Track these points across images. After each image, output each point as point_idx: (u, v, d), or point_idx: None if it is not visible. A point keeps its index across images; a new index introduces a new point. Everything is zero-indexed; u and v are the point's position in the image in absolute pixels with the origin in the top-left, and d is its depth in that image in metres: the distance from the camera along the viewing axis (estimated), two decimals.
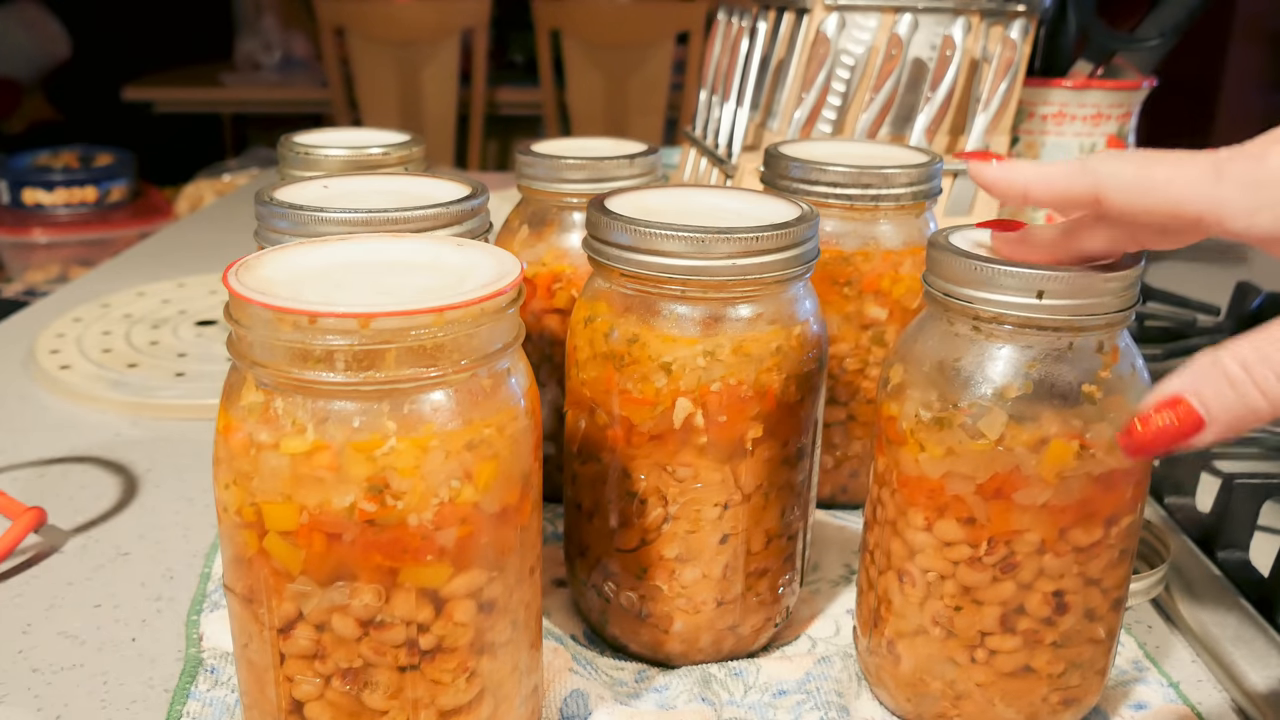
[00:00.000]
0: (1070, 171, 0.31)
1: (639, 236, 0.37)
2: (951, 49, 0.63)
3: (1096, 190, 0.30)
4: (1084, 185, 0.31)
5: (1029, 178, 0.32)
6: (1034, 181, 0.32)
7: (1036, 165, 0.32)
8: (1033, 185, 0.32)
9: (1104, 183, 0.30)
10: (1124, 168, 0.30)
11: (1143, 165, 0.30)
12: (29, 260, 1.79)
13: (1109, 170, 0.30)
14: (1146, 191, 0.29)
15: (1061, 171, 0.31)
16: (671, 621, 0.41)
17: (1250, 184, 0.28)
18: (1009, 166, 0.33)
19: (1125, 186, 0.30)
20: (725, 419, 0.38)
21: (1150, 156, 0.30)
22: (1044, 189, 0.32)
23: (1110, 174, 0.30)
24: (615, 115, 2.47)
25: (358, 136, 0.53)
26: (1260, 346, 0.27)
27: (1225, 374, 0.27)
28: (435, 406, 0.29)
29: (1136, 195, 0.30)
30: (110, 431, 0.63)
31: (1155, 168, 0.30)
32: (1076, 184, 0.31)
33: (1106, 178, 0.30)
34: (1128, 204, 0.30)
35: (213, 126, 2.92)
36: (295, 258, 0.32)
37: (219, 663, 0.41)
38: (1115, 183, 0.30)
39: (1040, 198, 0.32)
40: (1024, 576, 0.35)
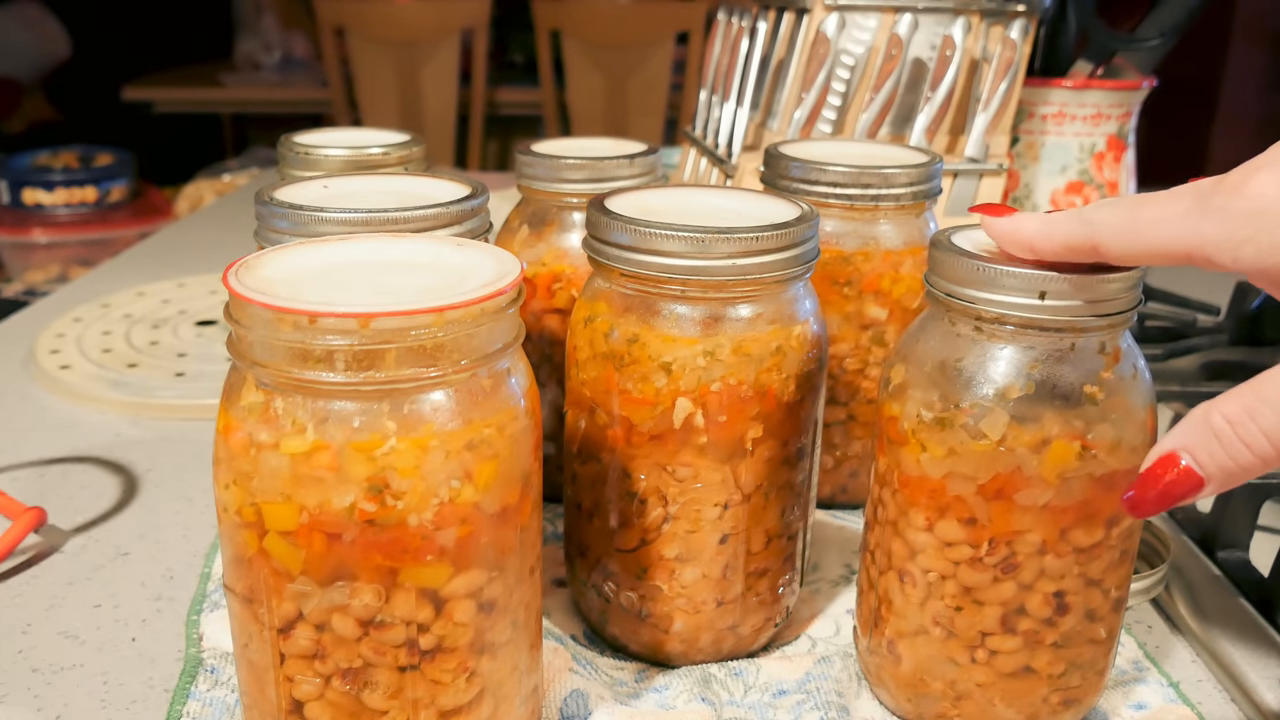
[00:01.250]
0: (1070, 223, 0.32)
1: (639, 236, 0.37)
2: (951, 49, 0.63)
3: (1093, 240, 0.31)
4: (1082, 236, 0.31)
5: (1033, 232, 0.33)
6: (1038, 235, 0.32)
7: (1040, 218, 0.32)
8: (1037, 239, 0.32)
9: (1099, 232, 0.31)
10: (1116, 214, 0.30)
11: (1133, 209, 0.30)
12: (29, 260, 1.79)
13: (1103, 219, 0.31)
14: (1137, 235, 0.30)
15: (1062, 224, 0.32)
16: (671, 621, 0.41)
17: (1231, 216, 0.28)
18: (1016, 221, 0.33)
19: (1118, 234, 0.30)
20: (725, 419, 0.38)
21: (1140, 199, 0.30)
22: (1047, 242, 0.32)
23: (1104, 223, 0.31)
24: (615, 115, 2.47)
25: (358, 136, 0.53)
26: (1247, 403, 0.27)
27: (1214, 431, 0.27)
28: (435, 406, 0.29)
29: (1129, 240, 0.30)
30: (110, 431, 0.63)
31: (1143, 209, 0.30)
32: (1075, 235, 0.31)
33: (1101, 227, 0.31)
34: (1123, 250, 0.30)
35: (213, 126, 2.93)
36: (295, 258, 0.32)
37: (219, 663, 0.41)
38: (1109, 231, 0.30)
39: (1044, 251, 0.32)
40: (1025, 577, 0.35)
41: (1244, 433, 0.27)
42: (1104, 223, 0.31)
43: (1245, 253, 0.28)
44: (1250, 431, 0.27)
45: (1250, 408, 0.27)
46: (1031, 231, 0.33)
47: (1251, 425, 0.27)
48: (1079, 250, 0.32)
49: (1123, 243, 0.30)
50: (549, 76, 2.44)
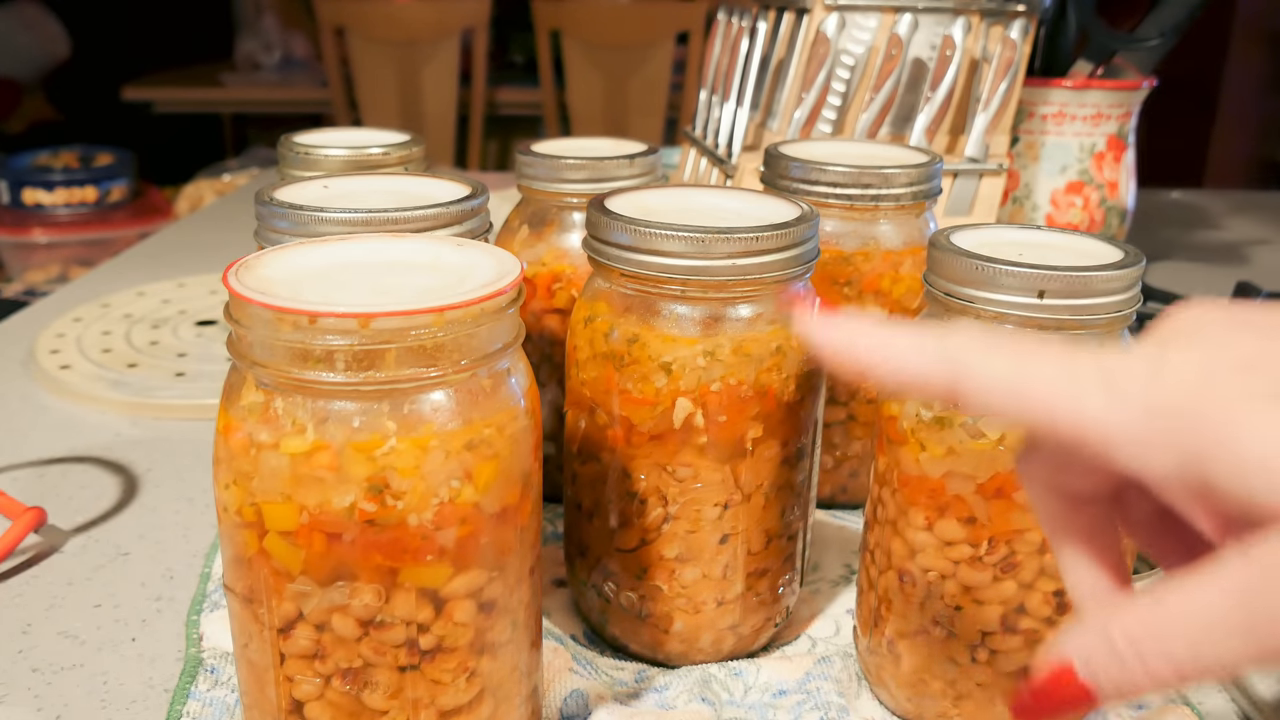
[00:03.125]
0: (925, 353, 0.25)
1: (639, 236, 0.37)
2: (951, 49, 0.63)
3: (954, 384, 0.24)
4: (940, 375, 0.24)
5: (868, 348, 0.25)
6: (874, 355, 0.25)
7: (883, 338, 0.25)
8: (872, 359, 0.25)
9: (966, 379, 0.24)
10: (994, 363, 0.24)
11: (1016, 362, 0.24)
12: (29, 260, 1.79)
13: (976, 364, 0.24)
14: (1019, 398, 0.23)
15: (913, 350, 0.25)
16: (671, 621, 0.41)
17: (1142, 408, 0.22)
18: (846, 331, 0.26)
19: (991, 387, 0.24)
20: (725, 419, 0.38)
21: (1026, 355, 0.24)
22: (889, 370, 0.25)
23: (976, 371, 0.24)
24: (615, 115, 2.47)
25: (358, 136, 0.53)
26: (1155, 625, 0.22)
27: (1116, 651, 0.23)
28: (435, 406, 0.29)
29: (1005, 400, 0.24)
30: (110, 431, 0.63)
31: (1032, 368, 0.23)
32: (930, 371, 0.24)
33: (971, 374, 0.24)
34: (991, 402, 0.24)
35: (213, 126, 2.93)
36: (295, 258, 0.32)
37: (219, 663, 0.41)
38: (980, 381, 0.24)
39: (884, 379, 0.26)
40: (1025, 576, 0.35)
41: (1149, 660, 0.22)
42: (976, 371, 0.24)
43: (1155, 458, 0.22)
44: (1155, 660, 0.22)
45: (1158, 631, 0.22)
46: (867, 347, 0.25)
47: (1157, 653, 0.22)
48: (930, 389, 0.25)
49: (994, 400, 0.24)
50: (549, 76, 2.44)
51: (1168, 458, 0.22)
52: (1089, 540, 0.26)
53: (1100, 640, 0.23)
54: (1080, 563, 0.27)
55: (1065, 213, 0.82)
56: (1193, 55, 1.58)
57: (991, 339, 0.24)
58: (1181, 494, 0.22)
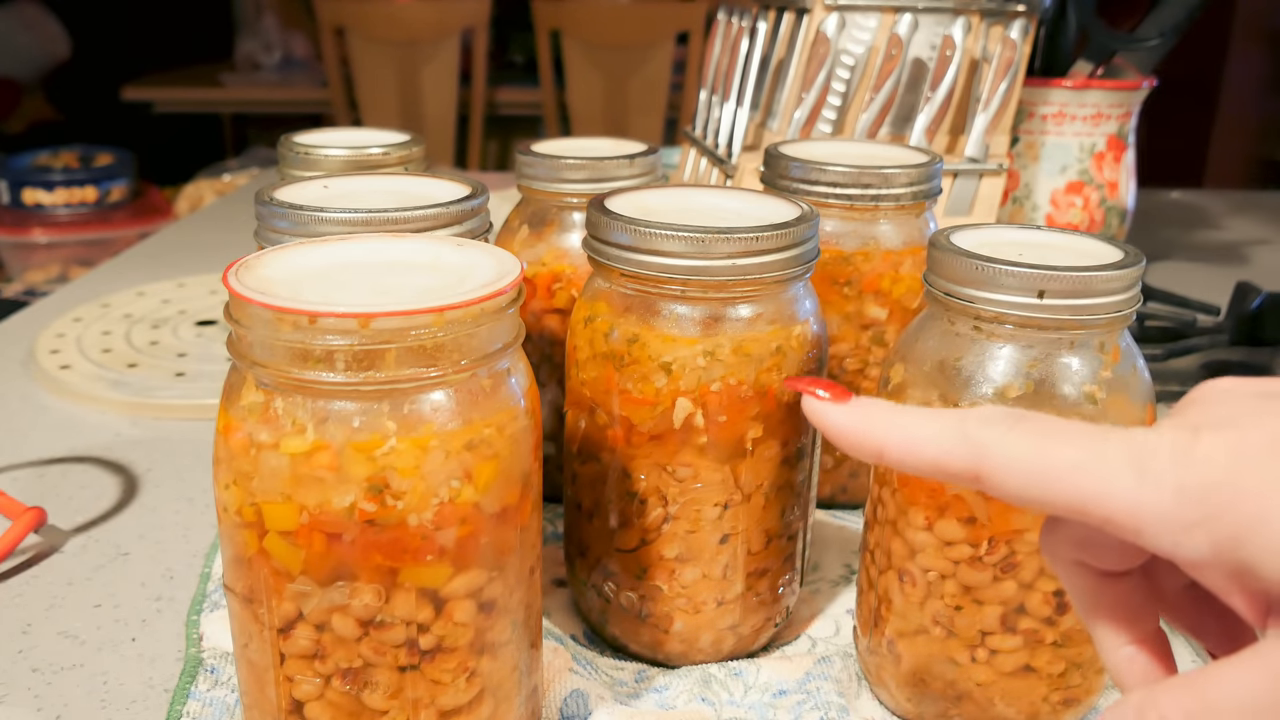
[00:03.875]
0: (945, 437, 0.24)
1: (639, 236, 0.37)
2: (951, 49, 0.63)
3: (977, 467, 0.24)
4: (961, 458, 0.24)
5: (887, 435, 0.25)
6: (893, 442, 0.25)
7: (901, 420, 0.25)
8: (891, 446, 0.25)
9: (988, 461, 0.23)
10: (1016, 444, 0.23)
11: (1039, 443, 0.23)
12: (29, 260, 1.79)
13: (997, 445, 0.23)
14: (1043, 480, 0.23)
15: (933, 435, 0.24)
16: (671, 621, 0.41)
17: (1174, 490, 0.21)
18: (864, 412, 0.25)
19: (1015, 469, 0.23)
20: (725, 419, 0.38)
21: (1049, 431, 0.23)
22: (907, 453, 0.25)
23: (999, 452, 0.23)
24: (615, 115, 2.47)
25: (358, 136, 0.53)
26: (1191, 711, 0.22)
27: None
28: (435, 406, 0.29)
29: (1029, 482, 0.23)
30: (110, 431, 0.63)
31: (1056, 448, 0.23)
32: (952, 455, 0.24)
33: (994, 457, 0.23)
34: (1017, 491, 0.23)
35: (213, 126, 2.93)
36: (295, 258, 0.32)
37: (219, 663, 0.41)
38: (1002, 462, 0.23)
39: (902, 463, 0.25)
40: (1025, 576, 0.35)
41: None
42: (998, 452, 0.23)
43: (1194, 540, 0.21)
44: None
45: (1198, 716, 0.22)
46: (886, 434, 0.25)
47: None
48: (951, 473, 0.24)
49: (1019, 482, 0.23)
50: (549, 76, 2.44)
51: (1201, 540, 0.21)
52: (1122, 615, 0.26)
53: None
54: (1116, 638, 0.26)
55: (1065, 213, 0.82)
56: (1193, 55, 1.58)
57: (1012, 418, 0.24)
58: (1217, 576, 0.22)
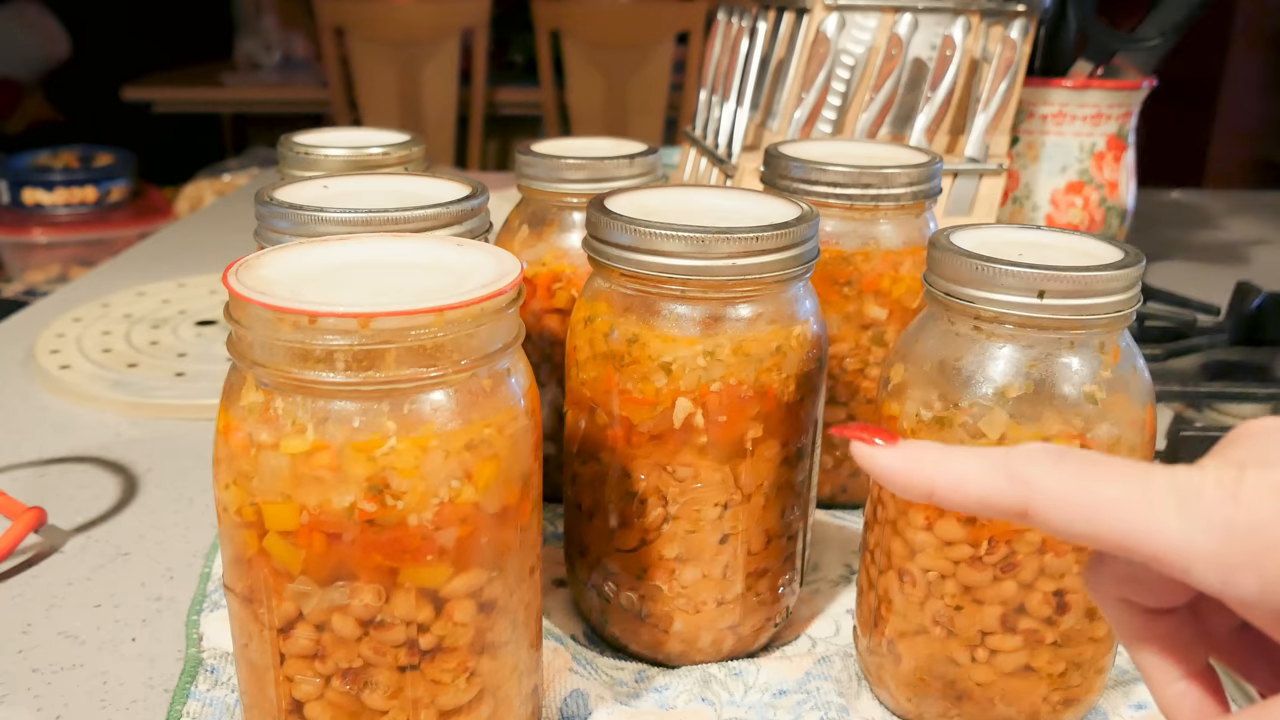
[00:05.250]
0: (992, 475, 0.24)
1: (639, 236, 0.37)
2: (951, 49, 0.63)
3: (1024, 504, 0.24)
4: (1009, 496, 0.24)
5: (935, 475, 0.25)
6: (942, 482, 0.25)
7: (949, 459, 0.25)
8: (940, 485, 0.25)
9: (1035, 498, 0.24)
10: (1061, 480, 0.24)
11: (1085, 479, 0.23)
12: (29, 260, 1.79)
13: (1042, 481, 0.24)
14: (1090, 516, 0.23)
15: (980, 473, 0.25)
16: (671, 621, 0.41)
17: (1223, 530, 0.21)
18: (912, 455, 0.26)
19: (1062, 505, 0.23)
20: (725, 419, 0.38)
21: (1094, 467, 0.23)
22: (955, 492, 0.25)
23: (1045, 489, 0.24)
24: (615, 115, 2.47)
25: (358, 136, 0.53)
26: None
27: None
28: (435, 406, 0.29)
29: (1075, 517, 0.23)
30: (110, 431, 0.63)
31: (1101, 485, 0.23)
32: (999, 493, 0.24)
33: (1041, 493, 0.24)
34: (1064, 526, 0.24)
35: (213, 126, 2.93)
36: (295, 258, 0.32)
37: (219, 663, 0.41)
38: (1049, 498, 0.24)
39: (949, 501, 0.25)
40: (1025, 576, 0.35)
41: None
42: (1045, 489, 0.24)
43: (1243, 581, 0.21)
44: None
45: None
46: (935, 475, 0.25)
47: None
48: (1000, 510, 0.25)
49: (1066, 517, 0.23)
50: (549, 76, 2.44)
51: (1250, 580, 0.21)
52: (1171, 652, 0.26)
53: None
54: (1166, 675, 0.26)
55: (1065, 213, 0.82)
56: (1193, 55, 1.58)
57: (1056, 454, 0.24)
58: (1265, 615, 0.22)
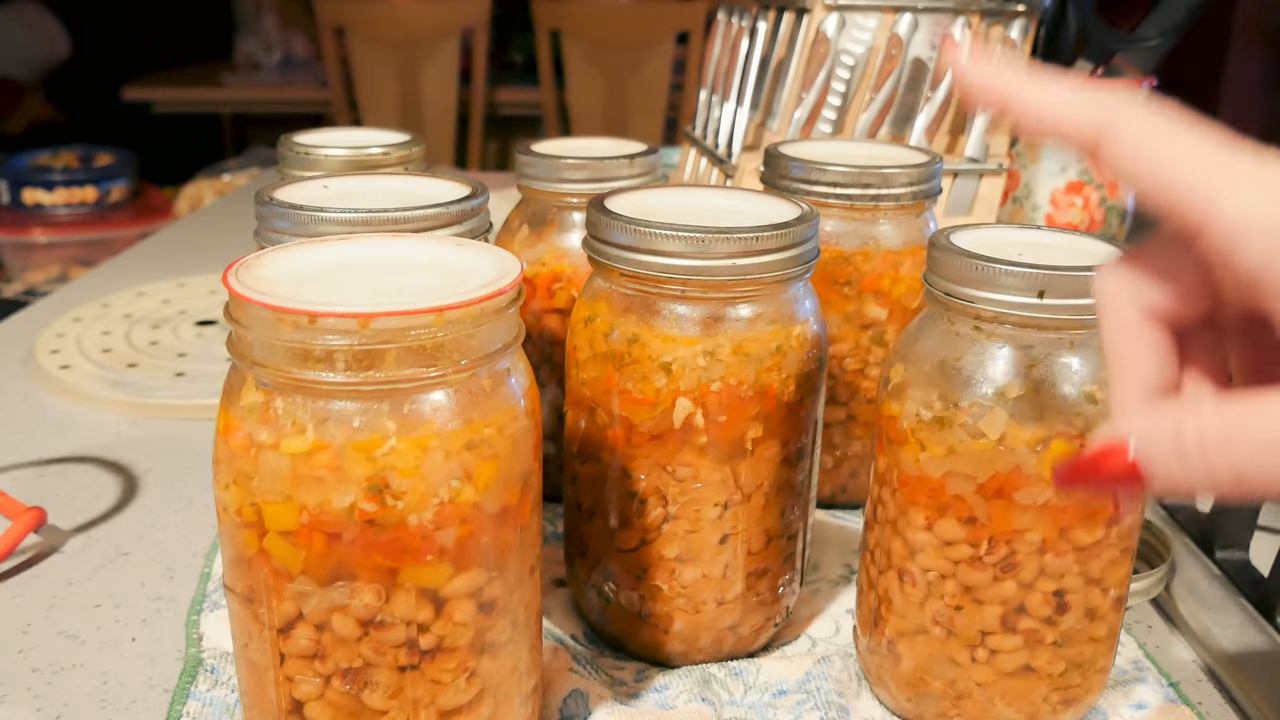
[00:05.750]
0: (1080, 97, 0.24)
1: (639, 236, 0.37)
2: None
3: (1103, 131, 0.24)
4: (1089, 119, 0.24)
5: (1017, 83, 0.25)
6: (1025, 91, 0.25)
7: (1034, 76, 0.25)
8: (1021, 93, 0.25)
9: (1115, 128, 0.24)
10: (1148, 122, 0.23)
11: (1167, 135, 0.23)
12: (29, 260, 1.79)
13: (1129, 117, 0.24)
14: (1160, 163, 0.23)
15: (1065, 96, 0.25)
16: (671, 621, 0.41)
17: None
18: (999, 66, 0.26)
19: (1139, 144, 0.23)
20: (725, 419, 0.38)
21: (1185, 124, 0.23)
22: (1036, 103, 0.25)
23: (1129, 122, 0.24)
24: (615, 115, 2.47)
25: (358, 136, 0.53)
26: (1229, 430, 0.22)
27: (1181, 446, 0.23)
28: (435, 406, 0.29)
29: (1145, 161, 0.23)
30: (110, 431, 0.63)
31: (1182, 143, 0.23)
32: (1081, 114, 0.24)
33: (1122, 125, 0.24)
34: (1132, 166, 0.24)
35: (213, 126, 2.92)
36: (295, 258, 0.32)
37: (219, 663, 0.41)
38: (1129, 134, 0.24)
39: (1026, 112, 0.25)
40: (1025, 576, 0.35)
41: (1213, 459, 0.22)
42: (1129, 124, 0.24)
43: None
44: (1219, 461, 0.22)
45: (1230, 435, 0.22)
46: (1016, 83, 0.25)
47: (1224, 456, 0.22)
48: (1076, 134, 0.25)
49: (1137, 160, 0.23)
50: (549, 76, 2.44)
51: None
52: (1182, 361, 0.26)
53: (1171, 435, 0.23)
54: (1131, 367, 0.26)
55: (1065, 213, 0.82)
56: (1193, 55, 1.58)
57: (1151, 103, 0.24)
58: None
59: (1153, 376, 0.25)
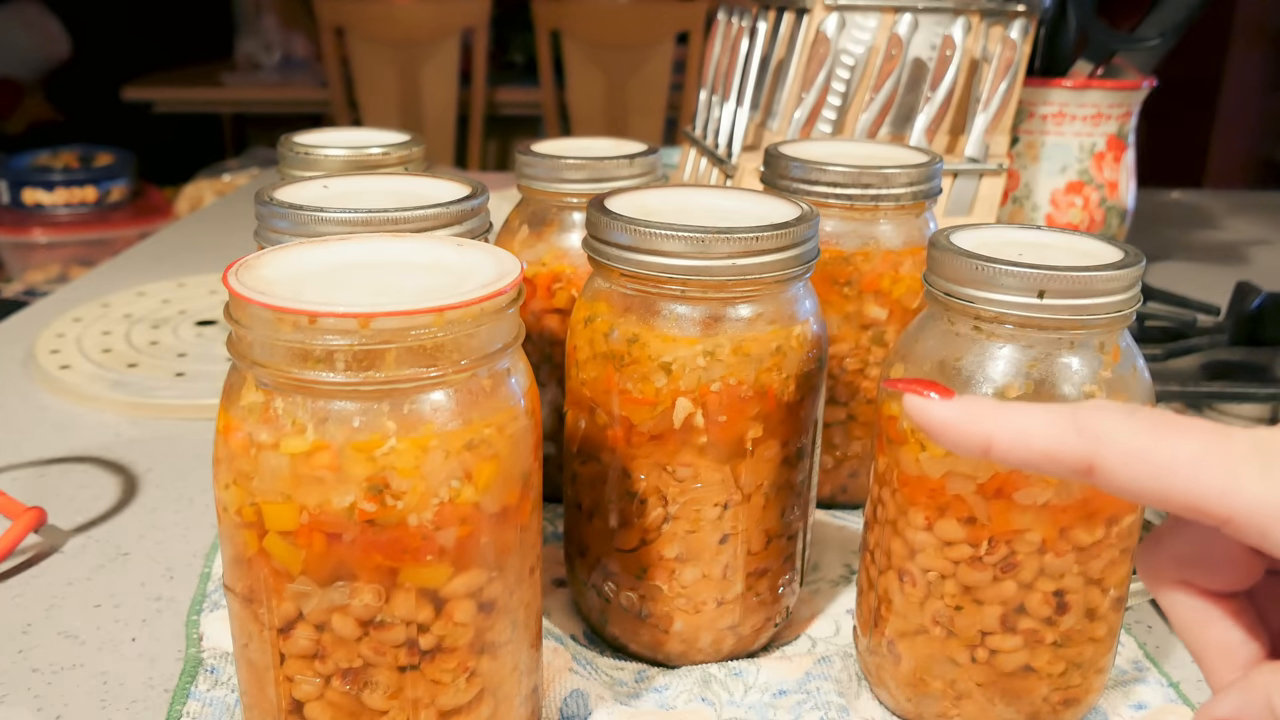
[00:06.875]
0: (1057, 427, 0.23)
1: (639, 236, 0.37)
2: (951, 49, 0.63)
3: (1091, 459, 0.23)
4: (1074, 449, 0.23)
5: (994, 427, 0.24)
6: (1002, 434, 0.24)
7: (1009, 413, 0.24)
8: (1000, 437, 0.24)
9: (1103, 451, 0.23)
10: (1134, 435, 0.23)
11: (1159, 435, 0.22)
12: (29, 260, 1.79)
13: (1113, 436, 0.23)
14: (1163, 473, 0.22)
15: (1043, 425, 0.24)
16: (671, 621, 0.41)
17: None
18: (969, 409, 0.25)
19: (1132, 461, 0.22)
20: (725, 419, 0.38)
21: (1170, 425, 0.22)
22: (1017, 444, 0.24)
23: (1114, 441, 0.23)
24: (615, 115, 2.47)
25: (358, 136, 0.53)
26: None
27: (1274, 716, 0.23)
28: (435, 406, 0.29)
29: (1146, 474, 0.22)
30: (110, 431, 0.63)
31: (1177, 440, 0.22)
32: (1065, 445, 0.23)
33: (1109, 445, 0.23)
34: (1132, 483, 0.23)
35: (213, 126, 2.93)
36: (295, 258, 0.32)
37: (219, 663, 0.41)
38: (1119, 453, 0.23)
39: (1010, 454, 0.24)
40: (1025, 576, 0.35)
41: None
42: (1115, 443, 0.23)
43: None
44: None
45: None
46: (995, 429, 0.24)
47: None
48: (1064, 466, 0.24)
49: (1136, 476, 0.22)
50: (549, 76, 2.44)
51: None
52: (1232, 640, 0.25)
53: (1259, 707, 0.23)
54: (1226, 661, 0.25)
55: (1065, 213, 0.82)
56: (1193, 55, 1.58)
57: (1126, 411, 0.23)
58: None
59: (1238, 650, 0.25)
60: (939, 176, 0.49)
